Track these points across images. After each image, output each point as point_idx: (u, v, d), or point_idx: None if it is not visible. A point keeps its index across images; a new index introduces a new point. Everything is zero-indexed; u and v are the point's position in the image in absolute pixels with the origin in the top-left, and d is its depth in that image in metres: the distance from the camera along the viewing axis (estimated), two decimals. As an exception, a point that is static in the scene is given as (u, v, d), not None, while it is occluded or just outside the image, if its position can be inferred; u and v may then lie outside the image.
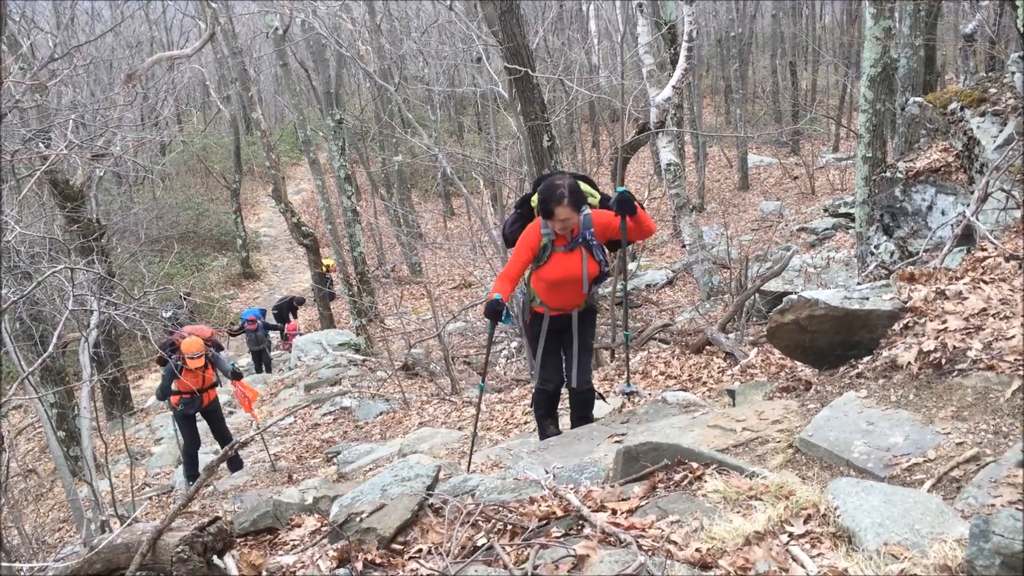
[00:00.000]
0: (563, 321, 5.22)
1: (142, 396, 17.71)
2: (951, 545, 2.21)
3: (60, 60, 13.30)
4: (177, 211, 29.70)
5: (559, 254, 4.96)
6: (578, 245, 4.96)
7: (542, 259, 4.97)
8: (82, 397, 6.51)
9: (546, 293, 5.11)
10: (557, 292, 5.07)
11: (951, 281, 4.26)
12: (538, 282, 5.11)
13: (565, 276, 4.98)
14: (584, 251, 4.98)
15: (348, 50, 19.54)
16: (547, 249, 4.94)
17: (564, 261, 4.97)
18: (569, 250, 4.95)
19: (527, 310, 5.30)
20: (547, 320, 5.20)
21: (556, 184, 4.78)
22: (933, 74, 15.76)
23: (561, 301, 5.12)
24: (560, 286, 5.04)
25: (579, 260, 4.98)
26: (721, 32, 31.12)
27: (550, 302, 5.14)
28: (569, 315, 5.19)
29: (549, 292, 5.09)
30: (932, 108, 6.99)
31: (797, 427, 3.73)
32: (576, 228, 4.91)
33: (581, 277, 4.99)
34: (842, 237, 16.62)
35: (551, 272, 4.99)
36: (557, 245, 4.94)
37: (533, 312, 5.27)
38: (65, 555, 4.25)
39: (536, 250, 4.93)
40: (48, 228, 14.23)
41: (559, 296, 5.09)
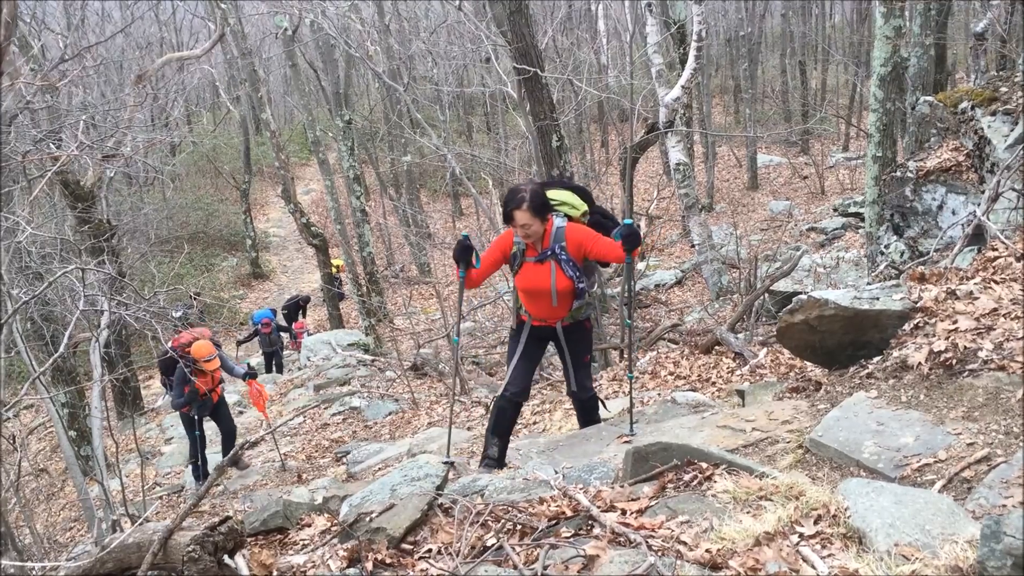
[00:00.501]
0: (547, 332, 5.07)
1: (153, 396, 17.76)
2: (962, 546, 2.20)
3: (71, 61, 13.34)
4: (187, 211, 29.79)
5: (529, 264, 4.82)
6: (547, 258, 4.77)
7: (513, 266, 4.88)
8: (93, 397, 6.53)
9: (525, 302, 5.00)
10: (534, 302, 4.94)
11: (962, 281, 4.25)
12: (518, 289, 5.03)
13: (534, 287, 4.83)
14: (554, 264, 4.78)
15: (357, 50, 19.54)
16: (517, 258, 4.83)
17: (533, 272, 4.81)
18: (539, 261, 4.78)
19: (515, 315, 5.19)
20: (528, 328, 5.04)
21: (519, 188, 4.69)
22: (944, 73, 15.70)
23: (540, 312, 4.96)
24: (533, 297, 4.90)
25: (548, 273, 4.78)
26: (730, 31, 31.05)
27: (531, 311, 5.01)
28: (553, 328, 5.02)
29: (527, 301, 4.98)
30: (943, 107, 6.97)
31: (807, 427, 3.72)
32: (547, 239, 4.74)
33: (550, 289, 4.79)
34: (852, 237, 16.56)
35: (521, 281, 4.89)
36: (528, 255, 4.80)
37: (519, 319, 5.14)
38: (77, 554, 4.27)
39: (507, 255, 4.85)
40: (59, 229, 14.33)
41: (537, 307, 4.94)
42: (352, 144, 20.57)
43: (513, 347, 5.11)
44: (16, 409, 11.39)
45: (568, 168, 10.74)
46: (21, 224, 6.18)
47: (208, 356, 8.96)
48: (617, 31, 26.25)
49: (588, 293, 4.97)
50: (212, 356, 9.01)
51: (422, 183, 32.04)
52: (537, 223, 4.64)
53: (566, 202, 4.89)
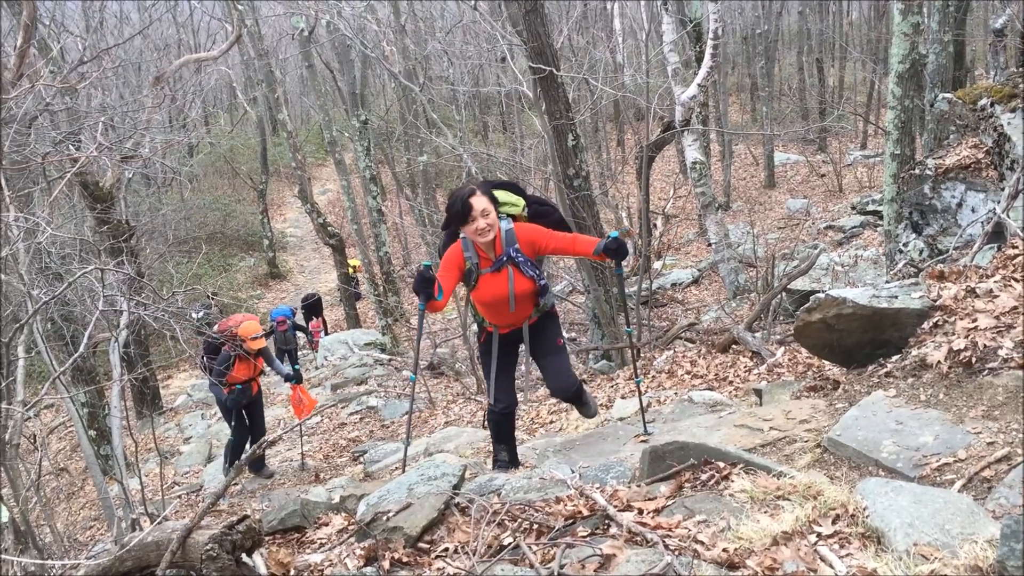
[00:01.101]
0: (516, 335, 4.89)
1: (171, 395, 17.87)
2: (982, 546, 2.19)
3: (89, 63, 13.43)
4: (205, 212, 29.95)
5: (486, 276, 4.58)
6: (504, 264, 4.55)
7: (470, 283, 4.63)
8: (112, 396, 6.58)
9: (487, 313, 4.78)
10: (497, 312, 4.71)
11: (981, 279, 4.22)
12: (476, 303, 4.80)
13: (495, 298, 4.61)
14: (511, 269, 4.57)
15: (373, 51, 19.61)
16: (472, 273, 4.57)
17: (491, 283, 4.59)
18: (495, 271, 4.56)
19: (480, 330, 4.97)
20: (497, 338, 4.84)
21: (459, 188, 4.47)
22: (963, 70, 15.60)
23: (505, 319, 4.77)
24: (495, 307, 4.67)
25: (506, 280, 4.58)
26: (747, 29, 30.95)
27: (496, 321, 4.80)
28: (519, 329, 4.83)
29: (489, 313, 4.76)
30: (962, 104, 6.91)
31: (825, 427, 3.71)
32: (499, 245, 4.51)
33: (508, 296, 4.59)
34: (870, 235, 16.47)
35: (480, 296, 4.65)
36: (482, 267, 4.56)
37: (485, 332, 4.92)
38: (97, 553, 4.30)
39: (462, 271, 4.57)
40: (78, 229, 14.44)
41: (501, 315, 4.73)
42: (368, 144, 20.63)
43: (487, 361, 4.91)
44: (37, 408, 11.48)
45: (584, 167, 10.72)
46: (41, 225, 6.23)
47: (255, 334, 8.74)
48: (633, 29, 26.20)
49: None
50: (259, 334, 8.81)
51: (438, 183, 32.05)
52: (493, 211, 4.42)
53: (506, 201, 4.69)
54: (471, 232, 4.40)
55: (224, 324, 8.93)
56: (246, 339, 8.64)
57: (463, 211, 4.32)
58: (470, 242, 4.51)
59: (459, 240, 4.56)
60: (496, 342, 4.83)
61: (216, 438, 13.05)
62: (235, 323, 8.85)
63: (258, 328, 8.86)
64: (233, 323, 8.86)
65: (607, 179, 26.39)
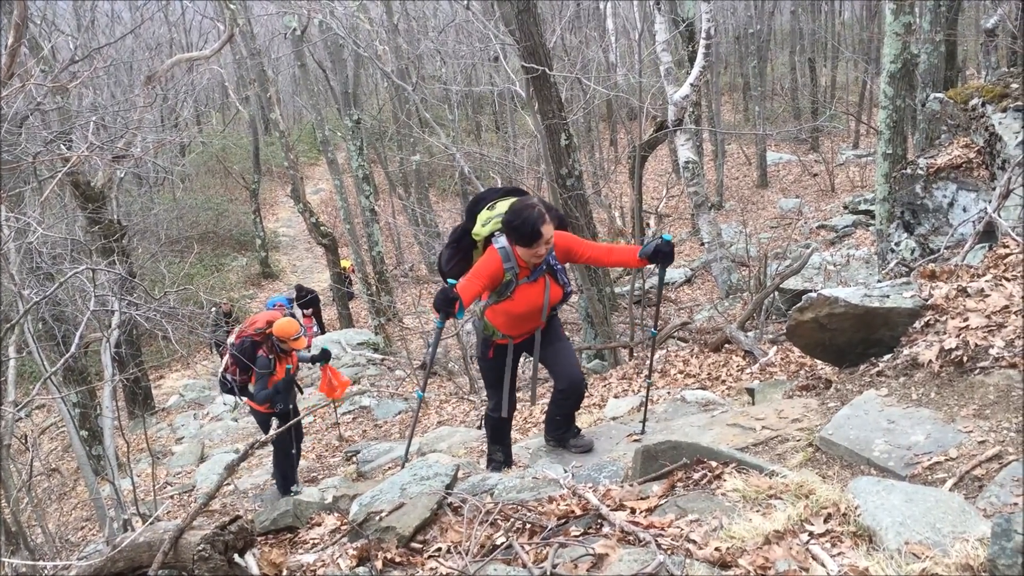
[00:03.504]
0: (527, 341, 4.80)
1: (163, 396, 17.84)
2: (973, 544, 2.19)
3: (81, 62, 13.40)
4: (197, 211, 29.90)
5: (523, 287, 4.48)
6: (541, 274, 4.52)
7: (504, 294, 4.49)
8: (104, 396, 6.56)
9: (507, 325, 4.65)
10: (519, 323, 4.63)
11: (973, 278, 4.23)
12: (496, 316, 4.63)
13: (529, 308, 4.55)
14: (548, 278, 4.55)
15: (366, 50, 19.57)
16: (511, 285, 4.46)
17: (528, 293, 4.51)
18: (532, 281, 4.49)
19: (487, 345, 4.79)
20: (511, 350, 4.76)
21: (526, 205, 4.27)
22: (954, 70, 15.63)
23: (524, 328, 4.70)
24: (525, 317, 4.60)
25: (542, 289, 4.53)
26: (739, 29, 31.00)
27: (513, 332, 4.69)
28: (532, 335, 4.76)
29: (510, 324, 4.64)
30: (953, 104, 6.93)
31: (817, 425, 3.71)
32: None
33: (543, 305, 4.56)
34: (862, 234, 16.51)
35: (515, 307, 4.53)
36: (520, 277, 4.46)
37: (495, 345, 4.77)
38: (88, 553, 4.29)
39: (498, 283, 4.44)
40: (70, 229, 14.40)
41: (522, 325, 4.66)
42: (361, 143, 20.60)
43: (499, 374, 4.81)
44: (28, 409, 11.46)
45: (577, 166, 10.73)
46: (32, 225, 6.21)
47: (295, 334, 7.96)
48: (626, 29, 26.21)
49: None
50: (299, 334, 8.04)
51: (431, 182, 32.08)
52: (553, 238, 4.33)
53: None
54: (528, 255, 4.33)
55: (250, 326, 8.11)
56: (287, 340, 7.91)
57: (532, 237, 4.23)
58: (511, 252, 4.39)
59: (493, 249, 4.42)
60: (511, 354, 4.76)
61: (208, 438, 13.03)
62: (263, 323, 8.03)
63: (296, 325, 8.11)
64: (260, 323, 8.04)
65: (600, 178, 26.42)
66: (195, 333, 11.97)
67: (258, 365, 7.88)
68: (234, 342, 8.01)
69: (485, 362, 4.90)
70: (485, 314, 4.67)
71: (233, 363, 8.00)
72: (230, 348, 8.07)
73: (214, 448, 12.27)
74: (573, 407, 5.15)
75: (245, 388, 8.12)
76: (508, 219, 4.28)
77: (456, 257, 4.70)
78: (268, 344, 7.89)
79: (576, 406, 5.18)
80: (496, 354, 4.80)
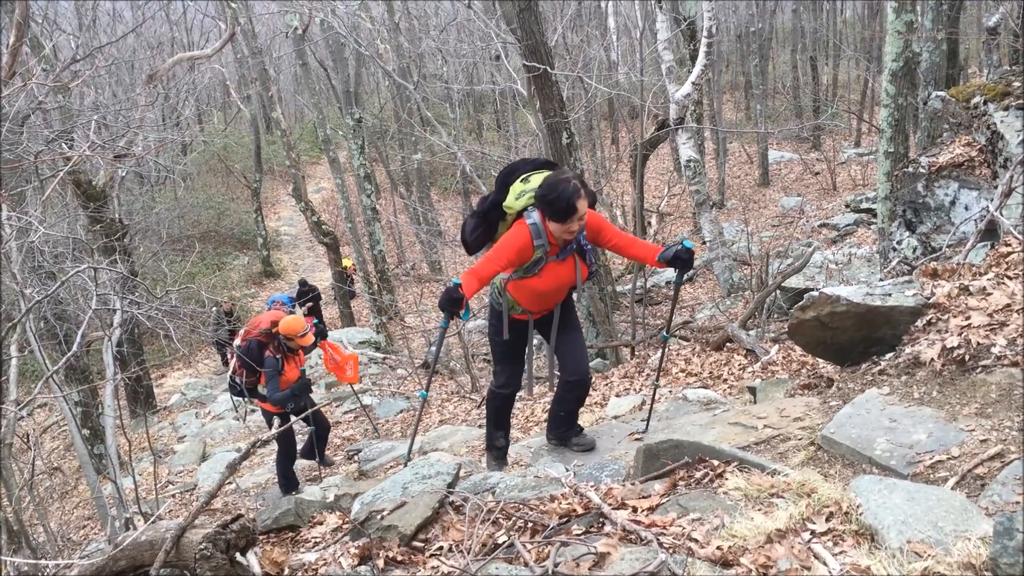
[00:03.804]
0: (546, 318, 4.72)
1: (165, 394, 17.85)
2: (975, 543, 2.19)
3: (82, 61, 13.40)
4: (198, 210, 29.93)
5: (551, 264, 4.37)
6: (571, 252, 4.42)
7: (532, 271, 4.38)
8: (106, 395, 6.56)
9: (529, 301, 4.56)
10: (543, 299, 4.55)
11: (975, 277, 4.23)
12: (520, 291, 4.52)
13: (557, 286, 4.46)
14: (576, 258, 4.46)
15: (367, 49, 19.57)
16: (540, 262, 4.35)
17: (557, 271, 4.41)
18: (561, 259, 4.39)
19: (504, 321, 4.63)
20: (531, 326, 4.69)
21: (561, 179, 4.14)
22: (956, 68, 15.60)
23: (546, 304, 4.62)
24: (548, 295, 4.52)
25: (572, 267, 4.43)
26: (741, 27, 30.97)
27: (535, 307, 4.61)
28: (551, 312, 4.69)
29: (533, 300, 4.55)
30: (955, 102, 6.93)
31: (819, 424, 3.71)
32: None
33: (572, 283, 4.50)
34: (864, 233, 16.50)
35: (541, 284, 4.42)
36: (550, 254, 4.35)
37: (513, 320, 4.65)
38: (90, 552, 4.29)
39: (524, 261, 4.32)
40: (71, 228, 14.39)
41: (545, 301, 4.58)
42: (363, 142, 20.60)
43: (512, 348, 4.75)
44: (30, 408, 11.46)
45: (578, 165, 10.72)
46: (34, 224, 6.21)
47: (302, 331, 7.79)
48: (627, 27, 26.17)
49: None
50: (305, 331, 7.86)
51: (432, 181, 32.10)
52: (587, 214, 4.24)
53: None
54: (561, 230, 4.19)
55: (255, 327, 7.98)
56: (294, 337, 7.76)
57: (566, 212, 4.10)
58: (543, 229, 4.26)
59: (523, 224, 4.28)
60: (531, 330, 4.70)
61: (210, 437, 13.04)
62: (267, 323, 7.90)
63: (302, 322, 7.96)
64: (265, 324, 7.90)
65: (601, 177, 26.41)
66: (197, 332, 11.98)
67: (266, 366, 7.75)
68: (240, 344, 7.92)
69: (499, 336, 4.73)
70: (507, 288, 4.54)
71: (240, 365, 7.90)
72: (236, 350, 7.97)
73: (216, 447, 12.28)
74: (578, 402, 5.03)
75: (254, 390, 8.03)
76: (542, 193, 4.15)
77: (481, 228, 4.56)
78: (274, 344, 7.78)
79: (581, 402, 5.08)
80: (512, 329, 4.67)
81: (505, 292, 4.57)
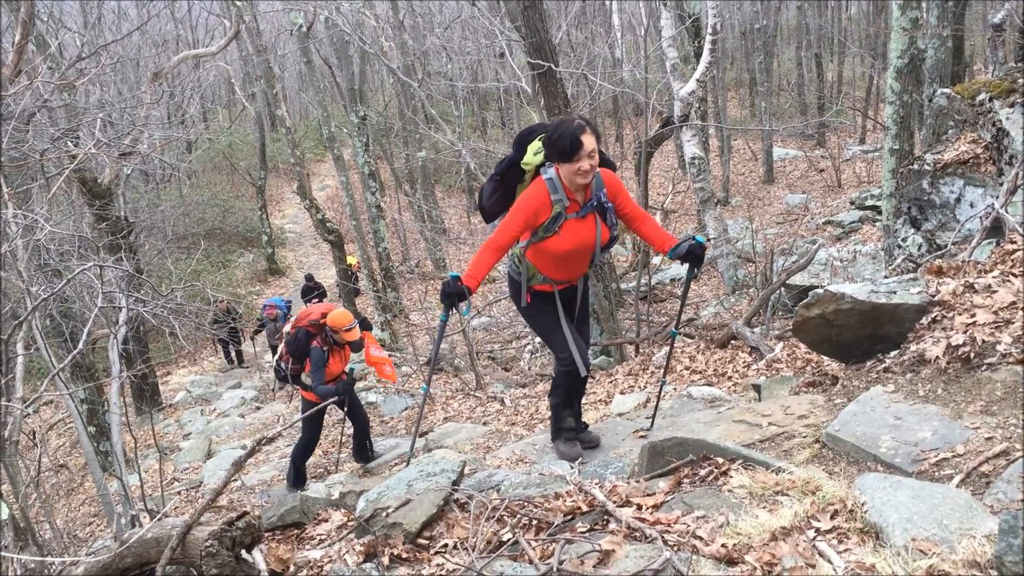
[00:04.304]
0: (569, 294, 4.53)
1: (170, 392, 17.88)
2: (980, 541, 2.19)
3: (88, 59, 13.43)
4: (203, 208, 29.98)
5: (571, 222, 4.15)
6: (591, 210, 4.19)
7: (551, 229, 4.16)
8: (112, 393, 6.58)
9: (551, 267, 4.35)
10: (564, 264, 4.33)
11: (980, 274, 4.22)
12: (540, 255, 4.31)
13: (578, 246, 4.23)
14: (597, 216, 4.23)
15: (371, 47, 19.60)
16: (559, 218, 4.13)
17: (577, 229, 4.19)
18: (581, 217, 4.17)
19: (523, 291, 4.47)
20: (557, 295, 4.44)
21: (564, 120, 4.01)
22: (961, 65, 15.58)
23: (568, 273, 4.40)
24: (568, 259, 4.30)
25: (592, 227, 4.22)
26: (745, 24, 30.93)
27: (556, 274, 4.38)
28: (575, 286, 4.51)
29: (555, 265, 4.34)
30: (960, 99, 6.91)
31: (823, 422, 3.71)
32: (589, 190, 4.17)
33: (594, 246, 4.27)
34: (869, 230, 16.48)
35: (562, 243, 4.19)
36: (569, 212, 4.14)
37: (534, 292, 4.46)
38: (96, 549, 4.31)
39: (541, 220, 4.14)
40: (77, 226, 14.43)
41: (566, 268, 4.36)
42: (367, 140, 20.63)
43: (553, 321, 4.48)
44: (36, 405, 11.50)
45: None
46: (40, 222, 6.23)
47: (348, 324, 7.70)
48: (631, 25, 26.20)
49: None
50: (353, 324, 7.77)
51: (437, 178, 32.11)
52: (597, 153, 4.02)
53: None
54: (572, 172, 4.01)
55: (305, 317, 7.90)
56: (339, 330, 7.69)
57: (572, 148, 3.92)
58: (559, 183, 4.10)
59: (540, 180, 4.15)
60: (558, 298, 4.46)
61: (215, 434, 13.06)
62: (317, 315, 7.83)
63: (350, 316, 7.87)
64: (316, 315, 7.84)
65: (606, 175, 26.34)
66: (202, 329, 12.01)
67: (312, 356, 7.74)
68: (289, 332, 7.94)
69: (528, 312, 4.60)
70: (526, 254, 4.36)
71: (287, 352, 7.93)
72: (284, 337, 8.03)
73: (221, 444, 12.30)
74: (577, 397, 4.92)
75: (298, 377, 8.03)
76: (548, 135, 4.05)
77: (499, 192, 4.41)
78: (322, 335, 7.76)
79: (580, 396, 4.96)
80: (536, 300, 4.50)
81: (524, 259, 4.40)
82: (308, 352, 7.76)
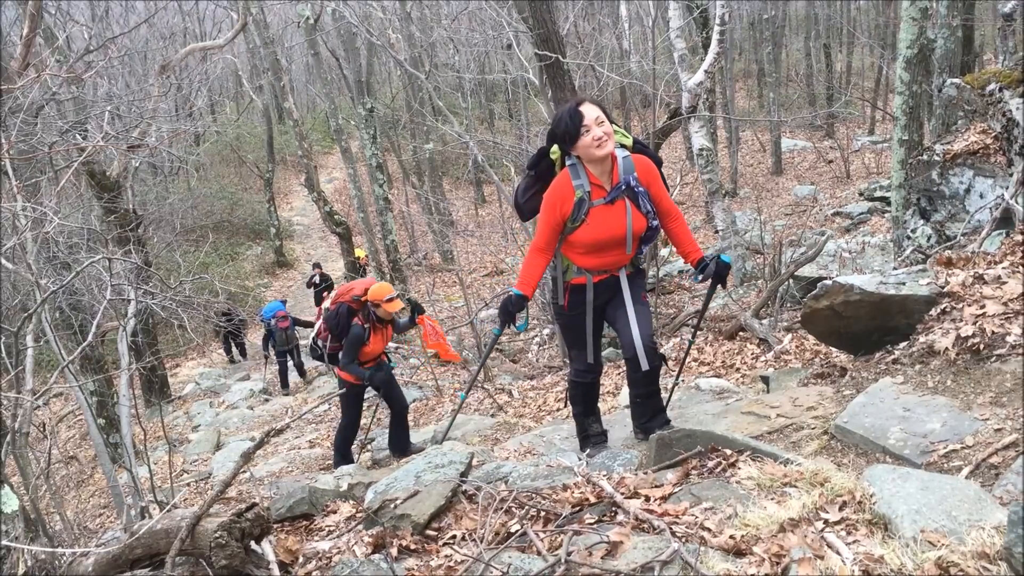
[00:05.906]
0: (608, 285, 4.23)
1: (179, 384, 17.94)
2: (989, 532, 2.19)
3: (95, 52, 13.45)
4: (211, 201, 30.00)
5: (598, 209, 3.97)
6: (620, 195, 3.99)
7: (578, 218, 3.99)
8: (121, 385, 6.60)
9: (584, 258, 4.15)
10: (598, 255, 4.12)
11: (989, 265, 4.20)
12: (572, 248, 4.14)
13: (609, 236, 4.03)
14: (628, 202, 4.01)
15: (379, 39, 19.56)
16: (583, 204, 3.96)
17: (605, 217, 3.99)
18: (610, 202, 3.98)
19: (561, 289, 4.27)
20: (591, 291, 4.20)
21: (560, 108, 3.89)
22: (971, 55, 15.50)
23: (603, 260, 4.14)
24: (601, 249, 4.08)
25: (623, 213, 4.00)
26: (754, 15, 30.80)
27: (590, 264, 4.15)
28: (616, 276, 4.21)
29: (588, 257, 4.13)
30: (970, 89, 6.87)
31: (832, 413, 3.71)
32: (616, 174, 3.98)
33: (625, 234, 4.03)
34: (878, 221, 16.42)
35: (590, 233, 4.01)
36: (595, 198, 3.96)
37: (570, 286, 4.24)
38: (106, 540, 4.33)
39: (569, 209, 3.98)
40: (86, 219, 14.49)
41: (600, 255, 4.12)
42: (374, 132, 20.60)
43: (580, 322, 4.29)
44: (46, 397, 11.54)
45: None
46: (48, 214, 6.24)
47: (389, 295, 7.22)
48: (639, 16, 26.04)
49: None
50: (394, 295, 7.30)
51: (444, 171, 32.10)
52: (607, 121, 3.87)
53: (616, 129, 4.05)
54: (585, 145, 3.86)
55: (347, 292, 7.42)
56: (380, 302, 7.20)
57: (573, 122, 3.83)
58: (581, 168, 3.98)
59: (564, 170, 4.02)
60: (591, 296, 4.22)
61: (224, 426, 13.11)
62: (360, 290, 7.33)
63: (390, 288, 7.39)
64: (358, 290, 7.34)
65: (614, 166, 26.29)
66: (210, 321, 12.03)
67: (351, 333, 7.27)
68: (329, 308, 7.48)
69: (562, 317, 4.40)
70: (559, 248, 4.20)
71: (326, 329, 7.49)
72: (323, 312, 7.59)
73: (230, 436, 12.34)
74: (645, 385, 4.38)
75: (335, 356, 7.56)
76: (551, 129, 4.00)
77: (534, 187, 4.24)
78: (364, 313, 7.31)
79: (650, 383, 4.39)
80: (573, 303, 4.27)
81: (559, 254, 4.23)
82: (348, 329, 7.30)
